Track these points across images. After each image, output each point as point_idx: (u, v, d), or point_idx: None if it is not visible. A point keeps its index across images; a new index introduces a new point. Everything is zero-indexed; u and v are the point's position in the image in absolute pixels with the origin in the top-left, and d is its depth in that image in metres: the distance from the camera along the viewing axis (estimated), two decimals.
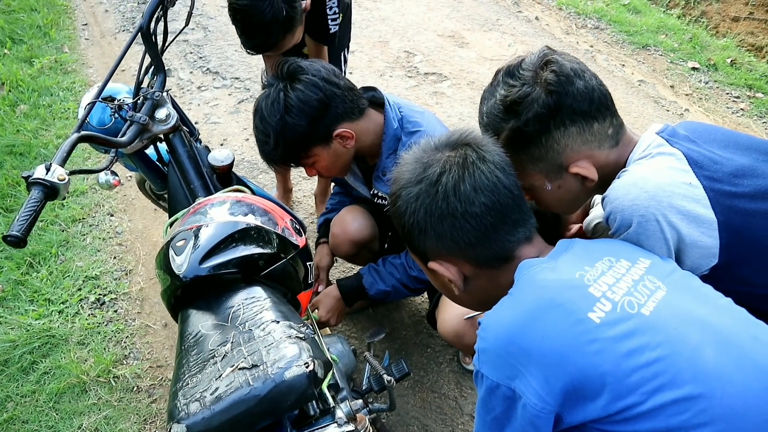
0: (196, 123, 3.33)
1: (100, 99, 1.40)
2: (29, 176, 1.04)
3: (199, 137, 1.83)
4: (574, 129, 1.07)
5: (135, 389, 2.01)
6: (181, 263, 1.20)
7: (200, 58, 4.12)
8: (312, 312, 1.79)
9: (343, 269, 2.45)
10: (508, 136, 1.10)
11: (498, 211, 0.94)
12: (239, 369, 0.97)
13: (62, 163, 1.08)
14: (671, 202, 0.98)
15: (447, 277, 1.00)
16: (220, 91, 3.74)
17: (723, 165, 1.03)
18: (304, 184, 2.95)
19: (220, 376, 0.97)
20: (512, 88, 1.09)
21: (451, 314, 1.60)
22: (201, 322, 1.14)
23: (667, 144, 1.07)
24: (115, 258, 2.54)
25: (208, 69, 3.98)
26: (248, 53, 1.96)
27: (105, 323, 2.24)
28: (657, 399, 0.77)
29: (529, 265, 0.94)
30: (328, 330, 1.94)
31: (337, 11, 2.15)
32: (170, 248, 1.24)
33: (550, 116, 1.06)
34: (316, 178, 2.75)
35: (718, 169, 1.02)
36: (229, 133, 3.34)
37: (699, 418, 0.76)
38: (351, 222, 1.91)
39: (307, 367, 0.95)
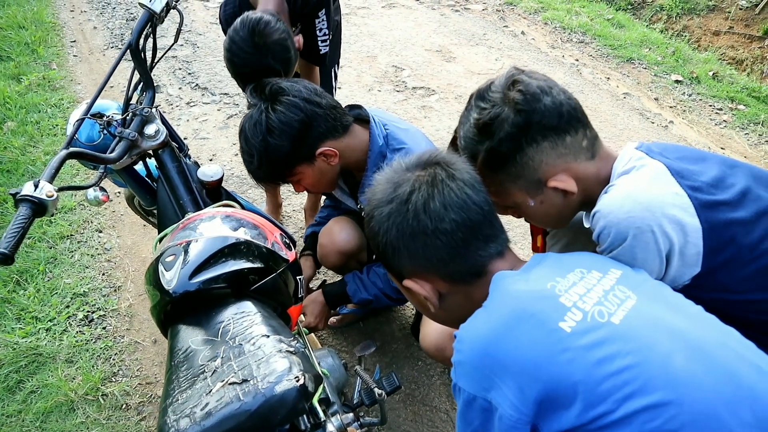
0: (185, 138, 3.33)
1: (89, 115, 1.41)
2: (17, 193, 1.04)
3: (189, 153, 1.83)
4: (547, 144, 1.09)
5: (124, 407, 1.99)
6: (170, 279, 1.19)
7: (189, 74, 4.12)
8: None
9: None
10: (484, 157, 1.13)
11: (468, 227, 0.96)
12: (229, 384, 0.96)
13: (51, 180, 1.08)
14: (664, 212, 1.00)
15: (422, 294, 1.01)
16: (209, 107, 3.74)
17: (700, 175, 1.07)
18: (294, 198, 2.96)
19: (210, 392, 0.97)
20: (483, 111, 1.11)
21: (433, 328, 1.60)
22: (191, 337, 1.13)
23: (648, 156, 1.10)
24: (103, 274, 2.52)
25: (197, 85, 3.99)
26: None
27: (93, 340, 2.22)
28: (628, 406, 0.77)
29: (502, 277, 0.95)
30: (318, 344, 1.93)
31: (327, 32, 2.17)
32: (160, 264, 1.24)
33: (520, 134, 1.08)
34: (305, 192, 2.76)
35: (697, 179, 1.06)
36: (218, 148, 3.34)
37: (670, 424, 0.76)
38: (339, 233, 1.92)
39: (297, 382, 0.94)
